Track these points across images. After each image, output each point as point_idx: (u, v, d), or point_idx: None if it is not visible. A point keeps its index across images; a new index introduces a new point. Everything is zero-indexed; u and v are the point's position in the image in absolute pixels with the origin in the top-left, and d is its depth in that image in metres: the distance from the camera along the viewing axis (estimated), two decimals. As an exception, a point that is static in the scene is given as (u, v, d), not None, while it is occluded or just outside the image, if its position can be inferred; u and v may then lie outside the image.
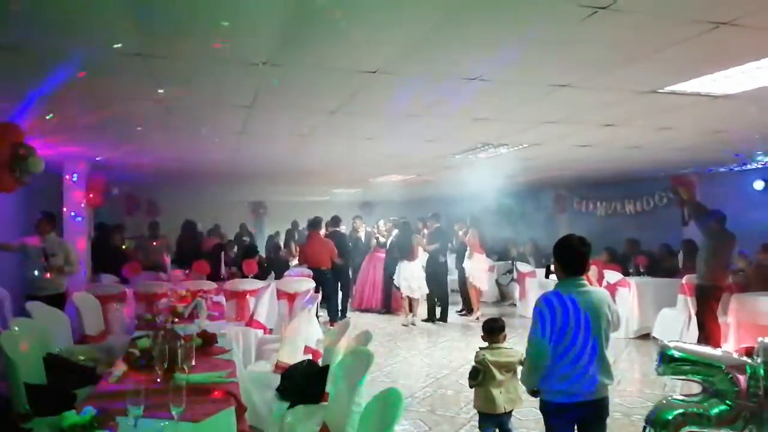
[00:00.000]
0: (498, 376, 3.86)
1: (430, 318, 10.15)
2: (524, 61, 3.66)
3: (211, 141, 6.49)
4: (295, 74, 3.86)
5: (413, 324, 9.77)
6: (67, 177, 7.93)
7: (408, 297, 9.94)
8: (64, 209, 7.89)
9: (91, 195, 8.22)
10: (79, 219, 7.98)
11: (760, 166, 8.95)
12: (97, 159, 7.78)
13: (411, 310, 9.93)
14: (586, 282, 3.14)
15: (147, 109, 4.84)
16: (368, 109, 4.95)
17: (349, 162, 8.49)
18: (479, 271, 10.46)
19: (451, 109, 4.96)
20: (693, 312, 7.42)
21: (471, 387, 3.98)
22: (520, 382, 3.90)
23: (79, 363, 4.41)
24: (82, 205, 8.06)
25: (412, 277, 9.88)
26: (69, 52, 3.38)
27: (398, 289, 10.26)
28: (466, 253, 10.50)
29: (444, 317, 10.20)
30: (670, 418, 3.16)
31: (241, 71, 3.77)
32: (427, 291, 10.03)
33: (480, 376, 3.89)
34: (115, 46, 3.22)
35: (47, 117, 5.03)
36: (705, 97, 4.48)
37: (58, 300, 6.13)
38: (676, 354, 3.25)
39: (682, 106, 4.78)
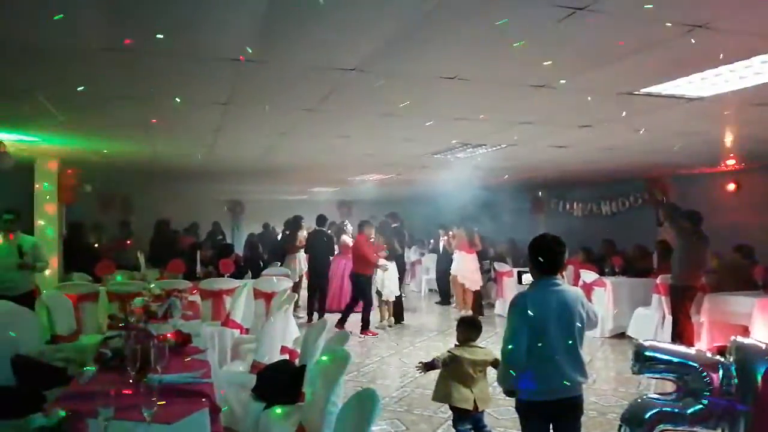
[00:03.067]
0: (473, 374, 3.92)
1: (398, 319, 9.96)
2: (502, 61, 3.66)
3: (186, 138, 6.39)
4: (272, 71, 3.81)
5: (390, 326, 9.68)
6: (38, 173, 7.75)
7: (386, 300, 9.73)
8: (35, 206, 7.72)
9: (62, 192, 8.04)
10: (51, 216, 7.82)
11: (733, 168, 9.12)
12: (69, 155, 7.62)
13: (387, 313, 9.79)
14: (560, 281, 3.17)
15: (120, 105, 4.75)
16: (346, 107, 4.92)
17: (327, 161, 8.43)
18: (465, 271, 10.17)
19: (429, 108, 4.95)
20: (667, 311, 7.52)
21: (419, 370, 4.24)
22: (488, 382, 3.96)
23: (49, 363, 4.30)
24: (54, 202, 7.89)
25: (391, 279, 9.70)
26: (38, 45, 3.30)
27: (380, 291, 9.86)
28: (455, 254, 10.41)
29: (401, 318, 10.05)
30: (645, 416, 3.19)
31: (215, 67, 3.71)
32: (398, 293, 9.83)
33: (449, 365, 4.01)
34: (84, 40, 3.15)
35: (17, 111, 4.90)
36: (680, 100, 4.54)
37: (27, 298, 5.99)
38: (651, 353, 3.29)
39: (658, 108, 4.83)
